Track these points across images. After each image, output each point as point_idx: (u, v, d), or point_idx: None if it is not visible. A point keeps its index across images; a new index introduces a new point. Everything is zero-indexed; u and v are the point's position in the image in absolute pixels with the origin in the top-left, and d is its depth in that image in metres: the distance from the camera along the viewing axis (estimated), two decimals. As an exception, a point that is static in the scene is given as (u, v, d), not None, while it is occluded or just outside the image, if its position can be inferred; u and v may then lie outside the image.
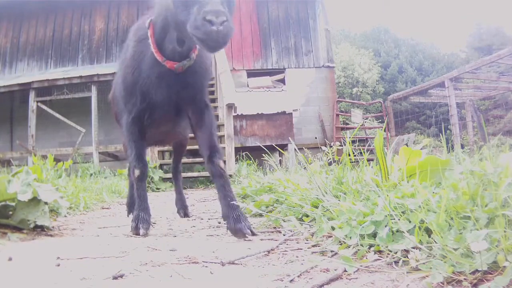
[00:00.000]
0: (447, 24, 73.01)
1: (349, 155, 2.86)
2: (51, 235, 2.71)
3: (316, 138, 14.84)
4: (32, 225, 2.71)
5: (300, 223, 2.25)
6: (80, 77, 14.18)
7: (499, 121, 21.87)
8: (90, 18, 16.73)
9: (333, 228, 1.83)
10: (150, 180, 9.67)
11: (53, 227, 2.94)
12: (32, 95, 14.21)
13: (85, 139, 14.04)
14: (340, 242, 1.77)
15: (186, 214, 3.98)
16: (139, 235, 2.69)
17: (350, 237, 1.72)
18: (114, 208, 5.26)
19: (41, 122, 14.40)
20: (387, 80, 35.34)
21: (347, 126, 17.85)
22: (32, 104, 14.15)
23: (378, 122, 23.31)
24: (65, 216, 3.85)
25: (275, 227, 2.56)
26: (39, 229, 2.77)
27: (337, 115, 15.62)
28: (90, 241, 2.53)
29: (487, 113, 22.03)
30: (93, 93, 13.96)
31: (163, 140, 3.87)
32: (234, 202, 2.48)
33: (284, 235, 2.26)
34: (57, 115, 14.08)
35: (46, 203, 2.75)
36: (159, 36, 2.57)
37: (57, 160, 12.66)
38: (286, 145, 12.13)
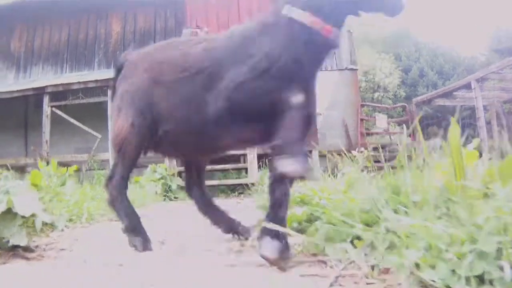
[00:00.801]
0: (466, 26, 71.85)
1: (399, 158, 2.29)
2: (27, 258, 2.16)
3: (340, 143, 14.16)
4: (10, 244, 2.18)
5: (352, 248, 1.65)
6: (96, 81, 13.81)
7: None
8: (106, 21, 16.42)
9: (417, 266, 1.23)
10: (168, 189, 9.20)
11: (36, 246, 2.39)
12: (46, 99, 13.88)
13: (101, 145, 13.59)
14: (423, 285, 1.18)
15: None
16: None
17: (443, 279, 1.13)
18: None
19: (56, 127, 14.01)
20: (408, 84, 34.67)
21: (371, 131, 17.14)
22: (46, 109, 13.81)
23: (400, 128, 22.49)
24: (62, 230, 3.33)
25: (315, 254, 1.93)
26: (20, 249, 2.24)
27: (361, 120, 14.98)
28: (70, 272, 1.94)
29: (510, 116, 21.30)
30: (109, 98, 13.49)
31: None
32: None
33: (331, 267, 1.66)
34: (71, 120, 13.68)
35: (24, 216, 2.21)
36: None
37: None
38: (310, 151, 11.51)
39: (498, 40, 34.51)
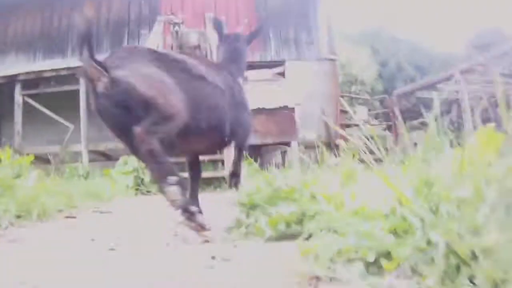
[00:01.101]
0: (445, 22, 72.29)
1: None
2: None
3: (320, 135, 13.58)
4: None
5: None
6: (68, 68, 13.23)
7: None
8: (80, 9, 15.82)
9: None
10: (140, 182, 8.76)
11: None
12: (17, 88, 13.41)
13: (74, 136, 13.03)
14: None
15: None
16: None
17: None
18: (82, 217, 4.19)
19: (29, 117, 13.54)
20: (386, 78, 34.58)
21: (351, 123, 16.63)
22: (18, 98, 13.34)
23: (379, 121, 22.04)
24: (7, 227, 2.88)
25: (317, 278, 1.22)
26: None
27: (341, 111, 14.59)
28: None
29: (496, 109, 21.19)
30: (82, 86, 12.82)
31: None
32: None
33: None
34: (43, 109, 13.15)
35: None
36: None
37: (45, 159, 11.68)
38: (289, 143, 11.12)
39: (478, 35, 34.73)
